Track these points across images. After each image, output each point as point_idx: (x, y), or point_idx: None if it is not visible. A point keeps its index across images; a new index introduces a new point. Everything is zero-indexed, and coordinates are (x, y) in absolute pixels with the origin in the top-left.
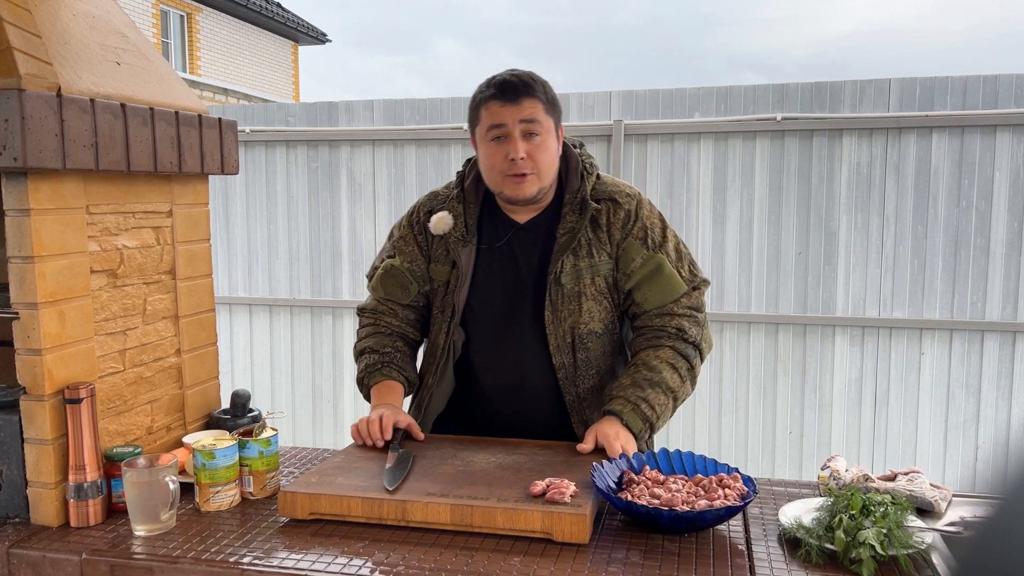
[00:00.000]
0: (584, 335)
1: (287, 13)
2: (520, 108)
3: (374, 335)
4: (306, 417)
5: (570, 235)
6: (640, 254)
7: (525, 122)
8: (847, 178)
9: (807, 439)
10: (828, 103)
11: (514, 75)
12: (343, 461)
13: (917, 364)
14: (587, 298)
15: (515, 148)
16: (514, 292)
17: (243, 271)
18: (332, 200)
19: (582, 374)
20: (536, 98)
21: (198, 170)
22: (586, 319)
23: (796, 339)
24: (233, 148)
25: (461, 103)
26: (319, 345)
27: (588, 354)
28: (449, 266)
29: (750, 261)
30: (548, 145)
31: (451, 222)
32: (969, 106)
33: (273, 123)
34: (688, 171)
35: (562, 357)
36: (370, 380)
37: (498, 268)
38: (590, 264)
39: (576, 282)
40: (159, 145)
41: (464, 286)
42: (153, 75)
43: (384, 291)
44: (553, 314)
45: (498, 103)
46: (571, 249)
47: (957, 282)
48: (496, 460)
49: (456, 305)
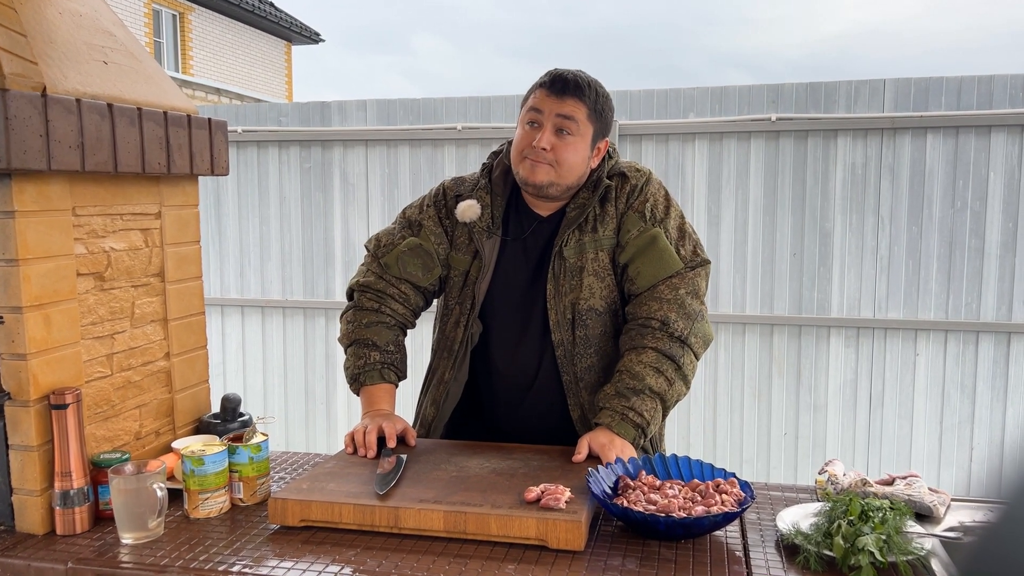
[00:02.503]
0: (584, 311)
1: (280, 13)
2: (562, 103)
3: (376, 324)
4: (299, 420)
5: (579, 210)
6: (637, 226)
7: (561, 117)
8: (842, 179)
9: (802, 441)
10: (823, 103)
11: (572, 74)
12: (335, 467)
13: (912, 365)
14: (588, 273)
15: (541, 137)
16: (533, 283)
17: (235, 272)
18: (325, 201)
19: (580, 352)
20: (582, 101)
21: (187, 171)
22: (586, 295)
23: (791, 340)
24: (223, 149)
25: (455, 103)
26: (312, 347)
27: (587, 331)
28: (470, 256)
29: (745, 262)
30: (577, 147)
31: (479, 211)
32: (964, 106)
33: (265, 123)
34: (683, 171)
35: (561, 334)
36: (366, 379)
37: (520, 261)
38: (593, 238)
39: (579, 256)
40: (147, 146)
41: (486, 278)
42: (141, 75)
43: (400, 269)
44: (555, 288)
45: (545, 91)
46: (578, 223)
47: (952, 283)
48: (490, 465)
49: (476, 297)
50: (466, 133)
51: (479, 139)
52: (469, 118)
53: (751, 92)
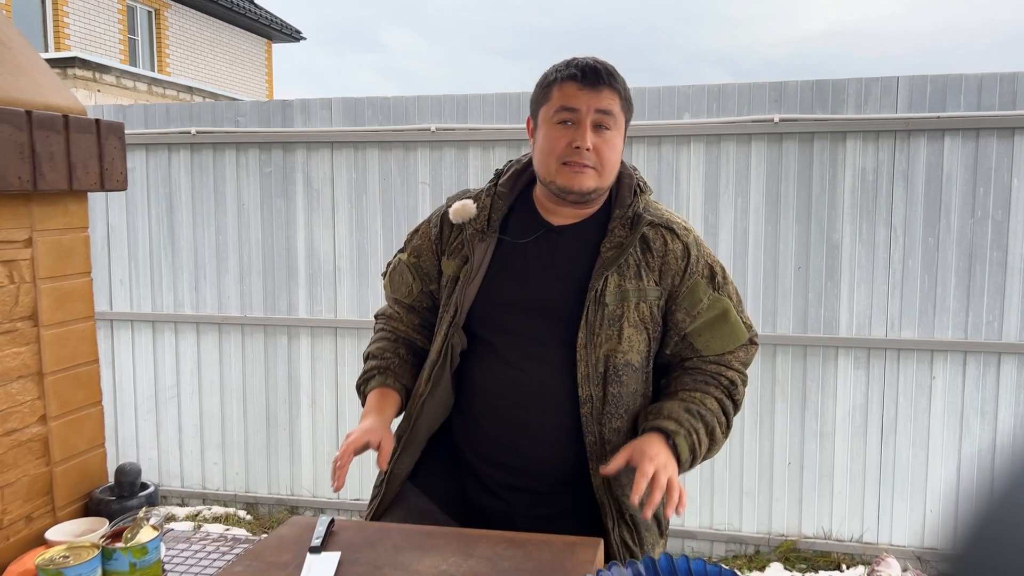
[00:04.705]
0: (620, 366)
1: (260, 10)
2: (599, 96)
3: (380, 340)
4: (259, 446)
5: (618, 250)
6: (708, 295)
7: (600, 112)
8: (851, 185)
9: (807, 470)
10: (830, 103)
11: (598, 62)
12: (245, 571)
13: (928, 389)
14: (629, 324)
15: (583, 136)
16: (536, 303)
17: (189, 286)
18: (287, 208)
19: (610, 411)
20: (616, 91)
21: (64, 186)
22: (625, 347)
23: (795, 361)
24: (119, 157)
25: (427, 102)
26: (273, 367)
27: (621, 388)
28: (462, 260)
29: (745, 276)
30: (616, 143)
31: (473, 211)
32: (985, 107)
33: (221, 123)
34: (677, 177)
35: (590, 388)
36: (366, 388)
37: (519, 271)
38: (637, 287)
39: (620, 304)
40: (0, 154)
41: (474, 283)
42: (8, 64)
43: (392, 289)
44: (588, 337)
45: (576, 85)
46: (617, 266)
47: (972, 300)
48: (446, 569)
49: (461, 304)
50: (441, 135)
51: (455, 141)
52: (444, 118)
53: (752, 91)
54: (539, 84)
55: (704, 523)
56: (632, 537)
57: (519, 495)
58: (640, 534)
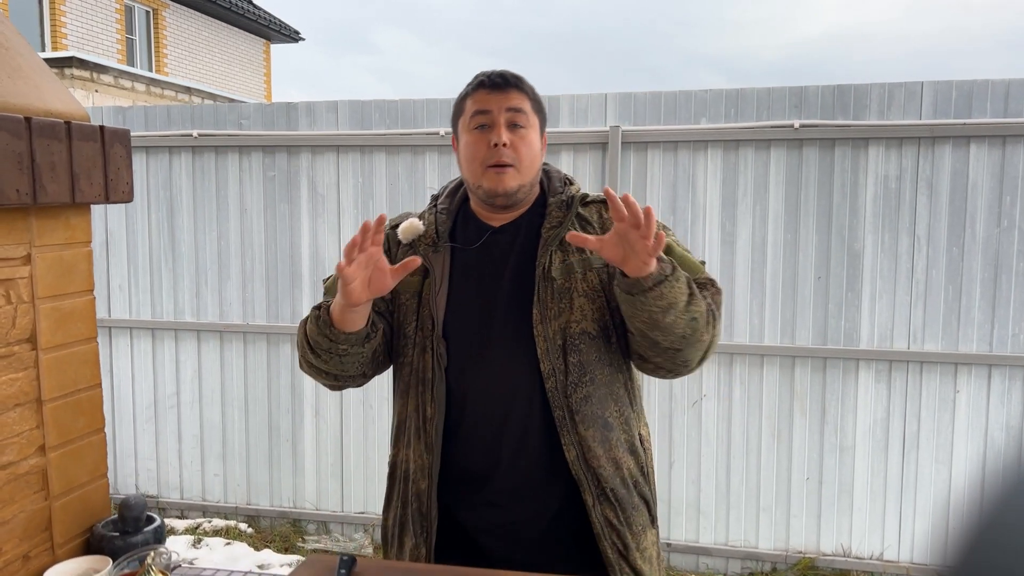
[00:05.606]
0: (576, 335)
1: (259, 10)
2: (508, 97)
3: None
4: (262, 457)
5: (557, 228)
6: None
7: (511, 111)
8: (873, 193)
9: (827, 486)
10: (852, 109)
11: (504, 71)
12: None
13: (951, 403)
14: (578, 294)
15: (498, 133)
16: (494, 296)
17: (190, 293)
18: (291, 213)
19: (574, 381)
20: (524, 92)
21: (66, 199)
22: (577, 316)
23: (815, 374)
24: (124, 167)
25: (436, 105)
26: (276, 376)
27: (581, 357)
28: (422, 275)
29: (763, 286)
30: (531, 140)
31: (422, 228)
32: (1012, 113)
33: (224, 126)
34: (694, 184)
35: (551, 362)
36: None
37: (474, 273)
38: (580, 259)
39: (567, 278)
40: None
41: (443, 291)
42: (5, 66)
43: (333, 293)
44: (542, 312)
45: (486, 91)
46: (560, 242)
47: (997, 311)
48: None
49: (436, 315)
50: (450, 139)
51: None
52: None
53: (771, 95)
54: (455, 104)
55: (719, 539)
56: (617, 517)
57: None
58: (626, 512)
